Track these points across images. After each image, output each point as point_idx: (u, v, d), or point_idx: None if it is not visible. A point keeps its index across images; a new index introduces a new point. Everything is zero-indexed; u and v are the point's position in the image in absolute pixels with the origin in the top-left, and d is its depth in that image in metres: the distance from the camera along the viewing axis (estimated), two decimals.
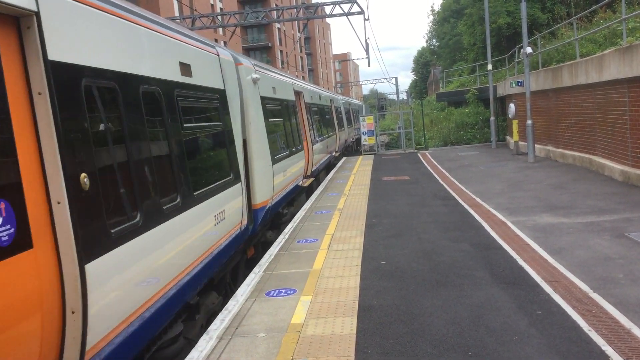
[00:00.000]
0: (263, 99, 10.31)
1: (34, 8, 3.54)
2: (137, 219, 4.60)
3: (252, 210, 8.74)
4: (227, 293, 7.66)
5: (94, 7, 4.37)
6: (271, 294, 6.72)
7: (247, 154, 8.71)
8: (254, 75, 9.66)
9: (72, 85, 3.89)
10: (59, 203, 3.62)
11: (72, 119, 3.81)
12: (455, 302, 6.06)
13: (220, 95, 7.61)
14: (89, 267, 3.79)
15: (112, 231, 4.18)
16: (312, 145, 16.57)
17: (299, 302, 6.37)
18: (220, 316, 6.08)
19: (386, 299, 6.29)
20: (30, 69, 3.56)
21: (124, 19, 4.87)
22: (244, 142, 8.65)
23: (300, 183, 13.92)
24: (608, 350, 4.68)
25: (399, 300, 6.23)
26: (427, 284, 6.74)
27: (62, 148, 3.62)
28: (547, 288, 6.27)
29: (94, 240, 3.93)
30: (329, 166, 21.67)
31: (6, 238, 3.21)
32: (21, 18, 3.52)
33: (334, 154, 22.99)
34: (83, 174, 3.84)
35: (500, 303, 5.94)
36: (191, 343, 5.75)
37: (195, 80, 6.56)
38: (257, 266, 8.06)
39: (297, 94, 15.65)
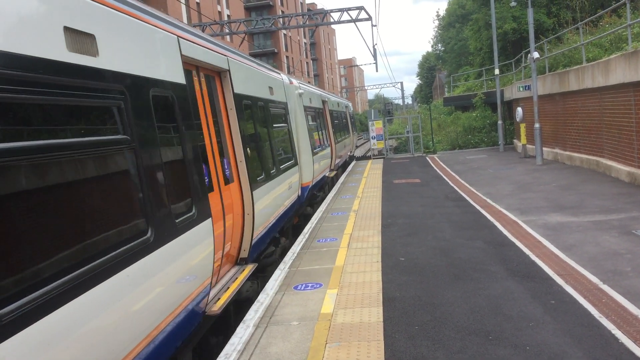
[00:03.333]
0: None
1: (227, 67, 7.45)
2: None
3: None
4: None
5: (248, 66, 8.92)
6: (299, 288, 7.15)
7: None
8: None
9: (243, 104, 7.92)
10: (240, 162, 7.37)
11: (245, 121, 7.77)
12: (473, 293, 6.48)
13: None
14: (254, 193, 7.53)
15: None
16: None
17: (326, 294, 6.79)
18: (253, 307, 6.52)
19: (408, 291, 6.72)
20: (227, 96, 7.47)
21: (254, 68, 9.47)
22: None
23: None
24: (617, 333, 5.09)
25: (421, 292, 6.65)
26: (445, 277, 7.16)
27: (243, 136, 7.51)
28: (559, 280, 6.68)
29: (256, 178, 7.87)
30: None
31: (228, 175, 6.91)
32: (222, 72, 7.44)
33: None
34: (248, 148, 7.67)
35: (516, 294, 6.35)
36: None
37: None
38: (282, 263, 8.50)
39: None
